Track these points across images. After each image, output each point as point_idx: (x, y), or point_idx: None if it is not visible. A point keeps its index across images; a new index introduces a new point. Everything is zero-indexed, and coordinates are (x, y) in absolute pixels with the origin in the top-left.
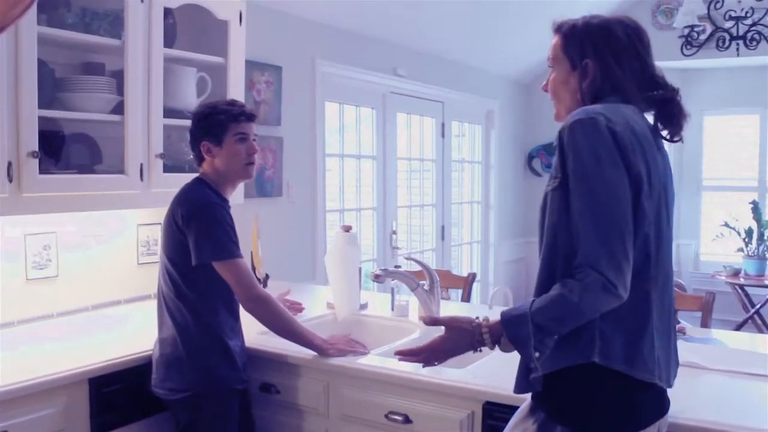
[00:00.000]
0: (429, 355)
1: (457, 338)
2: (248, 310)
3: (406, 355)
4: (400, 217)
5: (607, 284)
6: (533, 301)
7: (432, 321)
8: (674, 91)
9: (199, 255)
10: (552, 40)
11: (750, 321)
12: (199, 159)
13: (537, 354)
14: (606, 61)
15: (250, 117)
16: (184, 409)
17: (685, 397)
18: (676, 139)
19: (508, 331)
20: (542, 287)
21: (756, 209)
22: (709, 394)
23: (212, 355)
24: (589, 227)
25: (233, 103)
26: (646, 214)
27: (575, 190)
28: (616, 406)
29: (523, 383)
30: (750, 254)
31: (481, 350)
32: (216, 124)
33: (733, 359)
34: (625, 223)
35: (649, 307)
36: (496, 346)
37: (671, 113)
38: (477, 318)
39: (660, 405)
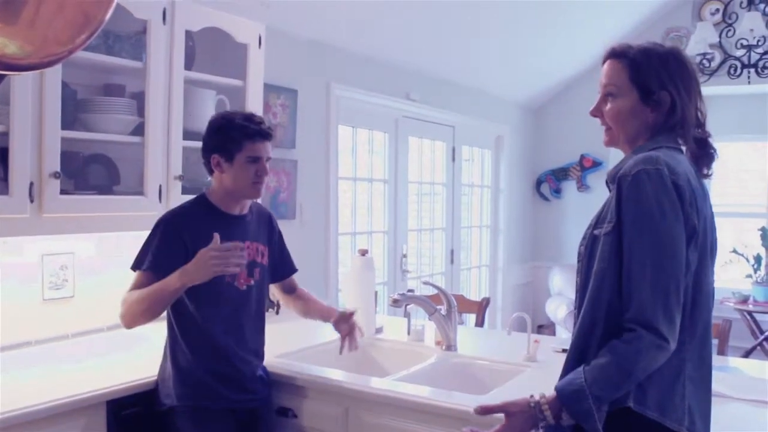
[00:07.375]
0: None
1: (520, 422)
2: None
3: None
4: (410, 240)
5: (662, 343)
6: (584, 369)
7: (485, 411)
8: (708, 133)
9: None
10: (606, 65)
11: (759, 348)
12: (210, 169)
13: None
14: (681, 95)
15: (267, 136)
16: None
17: (712, 427)
18: (708, 174)
19: (570, 408)
20: (585, 336)
21: (765, 236)
22: (736, 424)
23: (175, 373)
24: (647, 281)
25: (250, 118)
26: (689, 264)
27: (634, 241)
28: None
29: None
30: (759, 281)
31: (542, 428)
32: (229, 140)
33: (757, 388)
34: (681, 279)
35: (682, 356)
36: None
37: (706, 154)
38: (532, 396)
39: None
